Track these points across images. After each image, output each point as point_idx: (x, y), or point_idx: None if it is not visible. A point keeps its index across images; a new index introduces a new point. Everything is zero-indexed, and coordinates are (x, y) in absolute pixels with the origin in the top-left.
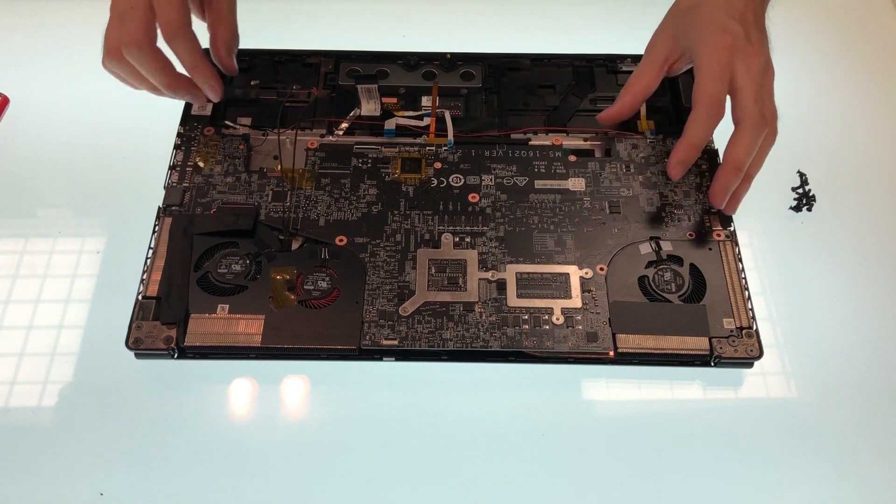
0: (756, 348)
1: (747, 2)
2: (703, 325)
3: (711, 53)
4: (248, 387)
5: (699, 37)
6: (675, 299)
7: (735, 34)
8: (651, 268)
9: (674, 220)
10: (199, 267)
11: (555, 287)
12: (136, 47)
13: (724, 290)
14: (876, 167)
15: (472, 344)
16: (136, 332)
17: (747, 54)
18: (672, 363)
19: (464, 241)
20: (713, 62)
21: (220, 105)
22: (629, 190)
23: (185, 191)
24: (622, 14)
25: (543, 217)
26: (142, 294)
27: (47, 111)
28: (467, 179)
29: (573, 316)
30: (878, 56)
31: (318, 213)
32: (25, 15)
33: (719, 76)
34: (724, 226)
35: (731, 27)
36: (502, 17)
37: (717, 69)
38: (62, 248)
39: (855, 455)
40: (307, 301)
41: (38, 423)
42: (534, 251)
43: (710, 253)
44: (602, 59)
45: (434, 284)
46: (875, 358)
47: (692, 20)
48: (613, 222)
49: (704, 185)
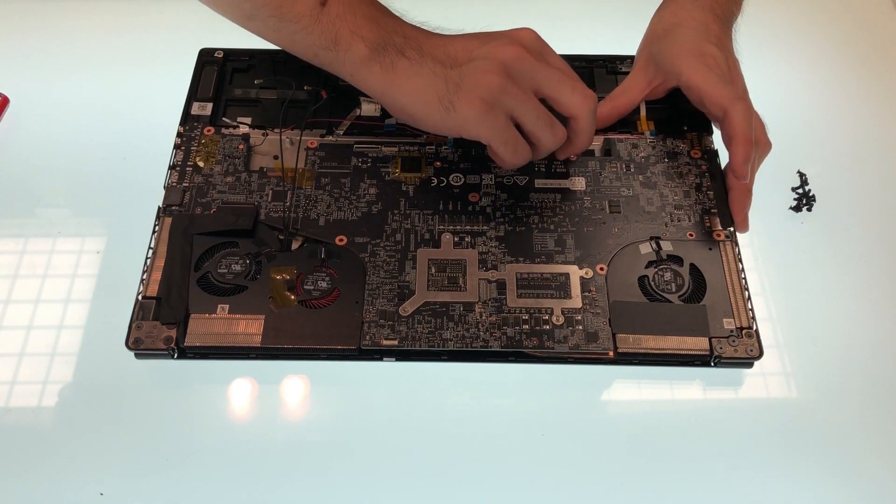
0: (756, 348)
1: (721, 27)
2: (703, 326)
3: (700, 70)
4: (249, 387)
5: (682, 63)
6: (675, 299)
7: (716, 57)
8: (651, 268)
9: (674, 220)
10: (198, 267)
11: (555, 287)
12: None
13: (724, 290)
14: (876, 167)
15: (472, 344)
16: (136, 332)
17: (731, 76)
18: (672, 363)
19: (464, 240)
20: (710, 75)
21: (220, 105)
22: (629, 189)
23: (185, 191)
24: (622, 15)
25: (544, 216)
26: (142, 294)
27: (47, 111)
28: (467, 178)
29: (573, 316)
30: (878, 56)
31: (318, 213)
32: (25, 15)
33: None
34: (724, 226)
35: (710, 51)
36: (502, 17)
37: (716, 78)
38: (62, 248)
39: (855, 455)
40: (307, 301)
41: (38, 423)
42: (534, 251)
43: (711, 253)
44: (602, 60)
45: (434, 284)
46: (875, 358)
47: (670, 46)
48: (613, 222)
49: (704, 185)
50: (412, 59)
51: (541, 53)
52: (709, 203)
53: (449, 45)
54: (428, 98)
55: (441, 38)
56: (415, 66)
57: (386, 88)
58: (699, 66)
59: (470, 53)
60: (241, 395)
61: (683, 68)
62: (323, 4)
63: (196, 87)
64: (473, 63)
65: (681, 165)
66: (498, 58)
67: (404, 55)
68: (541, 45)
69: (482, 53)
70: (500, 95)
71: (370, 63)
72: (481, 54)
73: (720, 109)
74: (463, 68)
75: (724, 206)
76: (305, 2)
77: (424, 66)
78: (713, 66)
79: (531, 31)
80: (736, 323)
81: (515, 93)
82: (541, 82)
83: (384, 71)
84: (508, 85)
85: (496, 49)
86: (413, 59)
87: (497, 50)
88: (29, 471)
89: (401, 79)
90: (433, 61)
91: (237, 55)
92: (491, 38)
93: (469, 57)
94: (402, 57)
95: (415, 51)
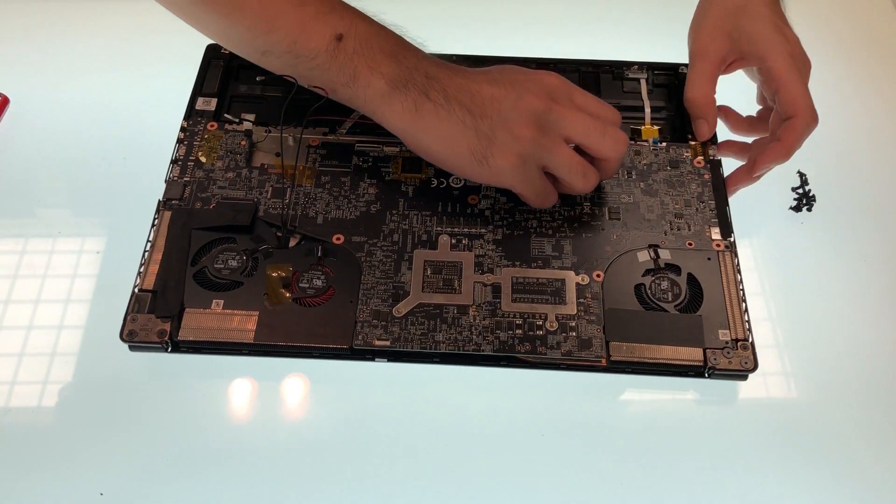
0: (751, 360)
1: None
2: (699, 336)
3: (786, 62)
4: (248, 386)
5: (766, 44)
6: (672, 309)
7: (794, 42)
8: (648, 276)
9: (674, 228)
10: (196, 262)
11: (550, 292)
12: None
13: (722, 301)
14: (876, 167)
15: (465, 347)
16: (131, 324)
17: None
18: (665, 373)
19: (461, 242)
20: (793, 72)
21: (225, 100)
22: (630, 196)
23: (186, 185)
24: (629, 20)
25: (542, 221)
26: (138, 287)
27: (47, 111)
28: (467, 181)
29: (567, 322)
30: (878, 56)
31: (316, 211)
32: (25, 15)
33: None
34: (724, 236)
35: (789, 35)
36: (508, 20)
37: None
38: (62, 248)
39: (855, 455)
40: (301, 299)
41: (38, 423)
42: (531, 255)
43: (709, 263)
44: (608, 66)
45: (429, 286)
46: (875, 358)
47: (751, 23)
48: (612, 229)
49: (706, 194)
50: (438, 104)
51: (569, 98)
52: (709, 213)
53: (476, 91)
54: (459, 150)
55: (464, 80)
56: (441, 112)
57: (409, 128)
58: (786, 59)
59: (499, 104)
60: (239, 394)
61: (769, 54)
62: (339, 39)
63: (202, 82)
64: (503, 115)
65: (683, 174)
66: (528, 111)
67: (429, 97)
68: (568, 90)
69: (510, 105)
70: (533, 149)
71: (390, 100)
72: (510, 106)
73: (790, 111)
74: (494, 120)
75: (725, 217)
76: (321, 38)
77: (453, 113)
78: (798, 57)
79: (556, 76)
80: (732, 335)
81: (547, 145)
82: (571, 132)
83: (406, 110)
84: (540, 137)
85: (525, 101)
86: (439, 104)
87: (526, 102)
88: (29, 471)
89: (427, 122)
90: (461, 109)
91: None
92: (517, 84)
93: (498, 109)
94: (427, 100)
95: (440, 94)
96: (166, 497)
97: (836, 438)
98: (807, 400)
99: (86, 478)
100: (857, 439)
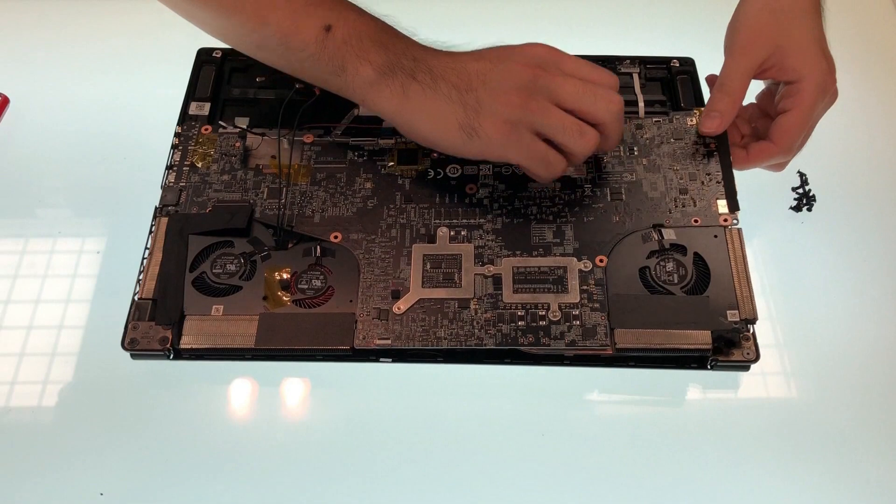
0: (753, 351)
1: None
2: (706, 318)
3: (815, 94)
4: (247, 388)
5: (810, 65)
6: (678, 291)
7: (832, 70)
8: (653, 258)
9: (678, 205)
10: (194, 267)
11: (552, 281)
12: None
13: (730, 279)
14: (876, 167)
15: (467, 342)
16: (133, 332)
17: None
18: (670, 361)
19: (460, 234)
20: (813, 108)
21: (218, 104)
22: (632, 174)
23: (182, 190)
24: (621, 15)
25: (542, 207)
26: (138, 295)
27: (47, 111)
28: (464, 170)
29: (570, 311)
30: (878, 56)
31: (313, 210)
32: (25, 15)
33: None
34: (731, 210)
35: (829, 60)
36: (505, 16)
37: (810, 112)
38: (62, 248)
39: (855, 455)
40: (301, 300)
41: (38, 423)
42: (531, 243)
43: (716, 240)
44: (601, 60)
45: (429, 281)
46: (875, 358)
47: (800, 35)
48: (615, 210)
49: (712, 167)
50: (424, 83)
51: (556, 65)
52: (715, 186)
53: (461, 68)
54: (448, 125)
55: (451, 59)
56: (428, 91)
57: (398, 112)
58: (817, 90)
59: (485, 76)
60: (239, 396)
61: (807, 77)
62: (328, 30)
63: (194, 86)
64: (490, 86)
65: (687, 145)
66: (515, 79)
67: (416, 79)
68: (555, 57)
69: (497, 76)
70: (522, 113)
71: (378, 86)
72: (496, 77)
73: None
74: (480, 92)
75: (732, 189)
76: (311, 29)
77: (438, 90)
78: (828, 89)
79: (542, 45)
80: (741, 315)
81: (536, 108)
82: (560, 97)
83: (394, 94)
84: (528, 102)
85: (511, 71)
86: (425, 84)
87: (512, 72)
88: (29, 471)
89: (415, 103)
90: (447, 85)
91: (235, 55)
92: (503, 57)
93: (484, 80)
94: (414, 81)
95: (426, 74)
96: (166, 497)
97: (836, 438)
98: (806, 399)
99: (86, 478)
100: (857, 438)
